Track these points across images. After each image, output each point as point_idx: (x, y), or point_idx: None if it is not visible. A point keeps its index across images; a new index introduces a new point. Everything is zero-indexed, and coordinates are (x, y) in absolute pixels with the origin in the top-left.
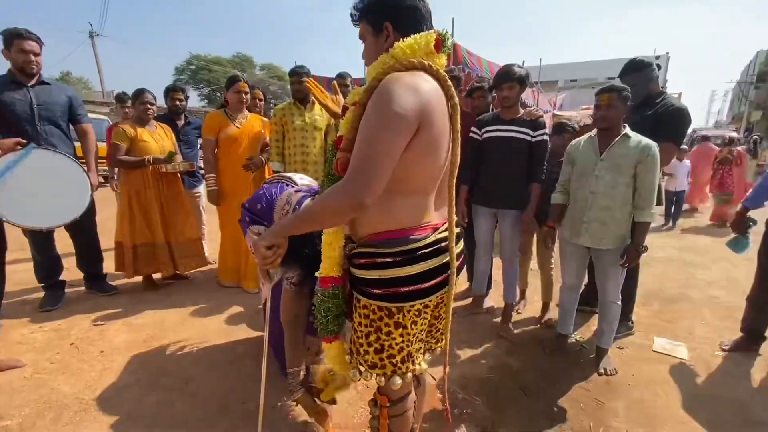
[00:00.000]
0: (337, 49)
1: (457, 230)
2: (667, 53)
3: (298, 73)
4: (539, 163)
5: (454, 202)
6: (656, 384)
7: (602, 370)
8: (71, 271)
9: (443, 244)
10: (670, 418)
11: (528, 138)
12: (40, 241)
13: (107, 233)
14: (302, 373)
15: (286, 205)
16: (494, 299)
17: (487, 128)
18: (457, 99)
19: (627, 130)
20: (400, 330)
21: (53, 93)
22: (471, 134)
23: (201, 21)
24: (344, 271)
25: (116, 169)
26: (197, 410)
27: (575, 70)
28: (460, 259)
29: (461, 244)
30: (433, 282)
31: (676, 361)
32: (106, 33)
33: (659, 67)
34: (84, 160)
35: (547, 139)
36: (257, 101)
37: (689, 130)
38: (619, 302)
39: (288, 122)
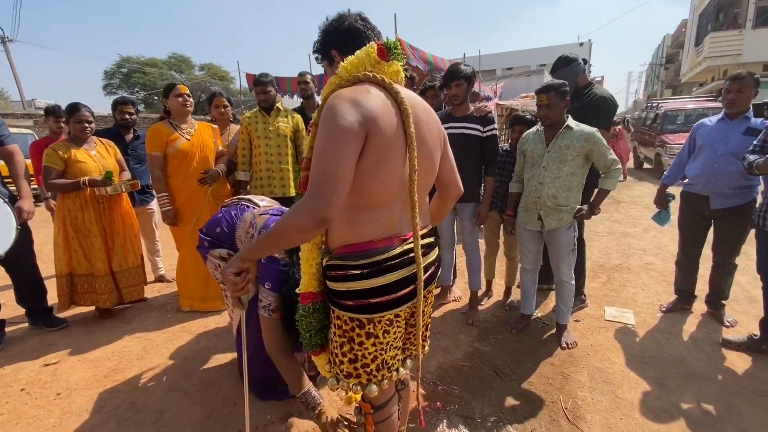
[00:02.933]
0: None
1: (431, 239)
2: (590, 40)
3: (263, 83)
4: (491, 156)
5: (416, 208)
6: (610, 351)
7: (564, 344)
8: (9, 307)
9: (412, 255)
10: (625, 380)
11: (479, 133)
12: None
13: (47, 259)
14: (311, 390)
15: (251, 228)
16: (461, 288)
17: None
18: (407, 104)
19: (569, 121)
20: (372, 340)
21: None
22: None
23: (130, 22)
24: (323, 287)
25: None
26: None
27: (510, 59)
28: (432, 269)
29: (435, 252)
30: (402, 293)
31: (624, 327)
32: (21, 38)
33: (585, 61)
34: (12, 186)
35: (497, 133)
36: (222, 110)
37: None
38: (573, 281)
39: (252, 130)
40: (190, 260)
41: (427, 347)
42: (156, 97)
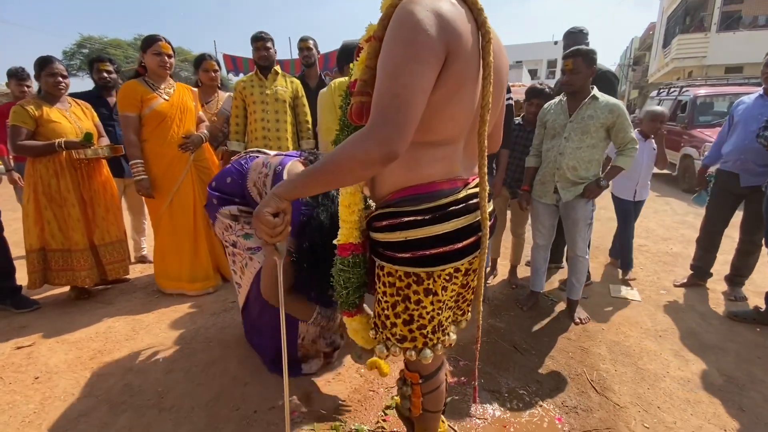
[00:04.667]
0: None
1: (488, 188)
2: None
3: (263, 38)
4: (506, 128)
5: (485, 154)
6: (623, 325)
7: (578, 320)
8: None
9: (474, 201)
10: (644, 353)
11: None
12: None
13: (15, 239)
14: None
15: (263, 168)
16: None
17: None
18: (490, 27)
19: (595, 91)
20: (431, 297)
21: None
22: None
23: (91, 0)
24: (364, 238)
25: (10, 157)
26: (183, 426)
27: None
28: (492, 220)
29: (492, 203)
30: (464, 243)
31: (632, 303)
32: None
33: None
34: None
35: (512, 104)
36: (212, 74)
37: None
38: (587, 256)
39: (248, 95)
40: (171, 238)
41: (478, 312)
42: (121, 81)
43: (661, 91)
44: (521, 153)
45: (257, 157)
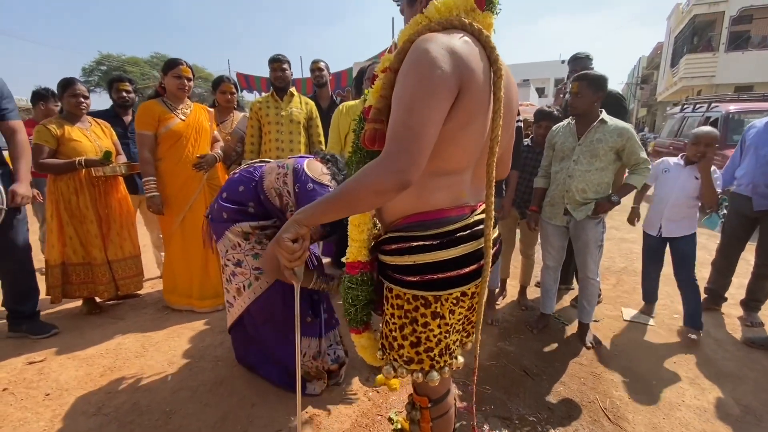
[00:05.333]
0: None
1: (495, 213)
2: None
3: (280, 60)
4: (516, 150)
5: (493, 183)
6: (637, 350)
7: (589, 344)
8: None
9: (480, 227)
10: (659, 380)
11: None
12: None
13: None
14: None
15: (280, 168)
16: None
17: None
18: (502, 63)
19: (603, 115)
20: (438, 320)
21: None
22: None
23: (111, 19)
24: (372, 257)
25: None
26: None
27: None
28: (497, 246)
29: (497, 229)
30: (471, 268)
31: (645, 328)
32: None
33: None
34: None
35: (522, 126)
36: (229, 96)
37: None
38: (598, 278)
39: (263, 115)
40: (181, 255)
41: (476, 336)
42: (139, 96)
43: (685, 106)
44: (530, 174)
45: (262, 165)
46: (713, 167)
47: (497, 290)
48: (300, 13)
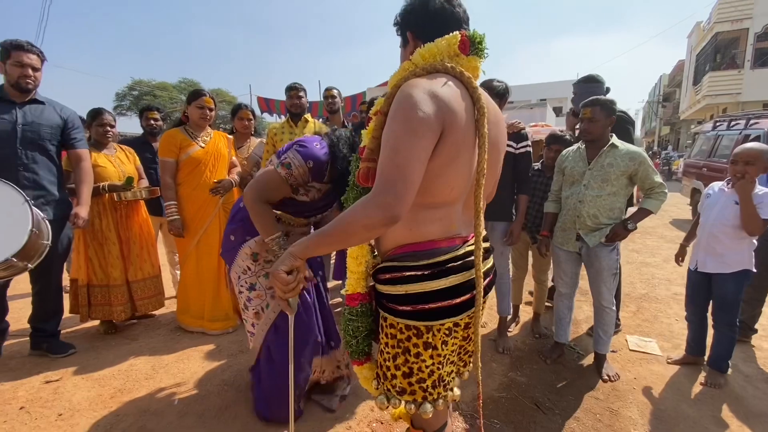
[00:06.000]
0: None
1: (486, 244)
2: None
3: (296, 88)
4: (524, 174)
5: (482, 215)
6: (657, 385)
7: (606, 377)
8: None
9: (472, 258)
10: (680, 418)
11: (511, 150)
12: None
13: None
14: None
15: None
16: (486, 314)
17: None
18: (484, 102)
19: (614, 139)
20: (430, 351)
21: (45, 113)
22: None
23: (143, 46)
24: (370, 287)
25: None
26: None
27: (511, 93)
28: (490, 276)
29: (491, 259)
30: (463, 298)
31: (666, 359)
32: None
33: (608, 89)
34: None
35: (531, 150)
36: (246, 122)
37: None
38: (614, 307)
39: (278, 141)
40: (195, 277)
41: (476, 366)
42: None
43: (719, 123)
44: (541, 198)
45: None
46: (761, 189)
47: (509, 317)
48: (319, 38)
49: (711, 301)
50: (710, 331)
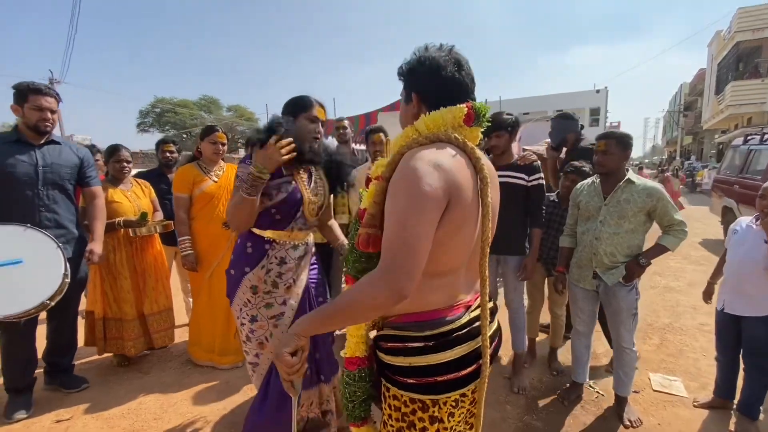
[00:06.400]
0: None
1: (491, 305)
2: (606, 87)
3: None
4: (537, 207)
5: (487, 283)
6: (684, 429)
7: (628, 422)
8: None
9: (477, 324)
10: None
11: (523, 182)
12: (13, 333)
13: None
14: None
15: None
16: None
17: None
18: (487, 173)
19: (630, 174)
20: (437, 425)
21: (63, 154)
22: None
23: (165, 65)
24: (370, 352)
25: None
26: None
27: (527, 104)
28: (496, 339)
29: (496, 321)
30: (470, 369)
31: (693, 401)
32: (68, 80)
33: (582, 127)
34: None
35: (543, 183)
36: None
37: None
38: (635, 348)
39: None
40: (207, 309)
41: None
42: (185, 135)
43: (750, 137)
44: (556, 231)
45: None
46: None
47: (525, 351)
48: (335, 54)
49: (735, 346)
50: (741, 373)
